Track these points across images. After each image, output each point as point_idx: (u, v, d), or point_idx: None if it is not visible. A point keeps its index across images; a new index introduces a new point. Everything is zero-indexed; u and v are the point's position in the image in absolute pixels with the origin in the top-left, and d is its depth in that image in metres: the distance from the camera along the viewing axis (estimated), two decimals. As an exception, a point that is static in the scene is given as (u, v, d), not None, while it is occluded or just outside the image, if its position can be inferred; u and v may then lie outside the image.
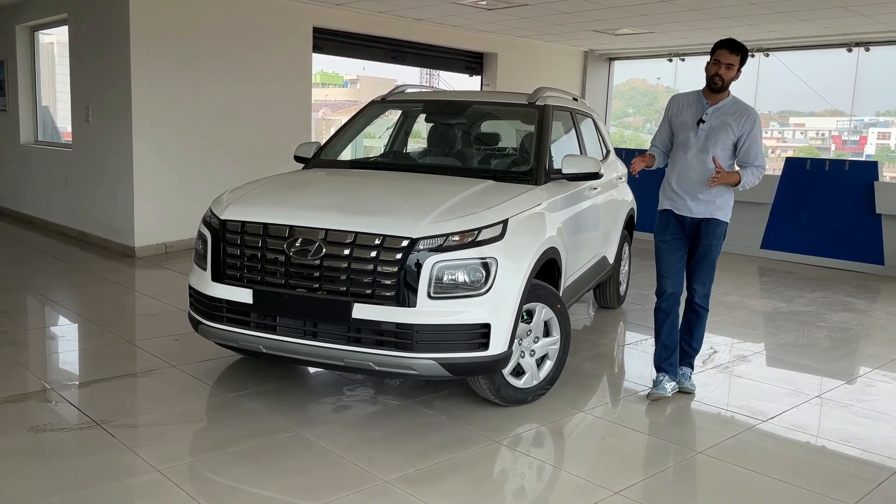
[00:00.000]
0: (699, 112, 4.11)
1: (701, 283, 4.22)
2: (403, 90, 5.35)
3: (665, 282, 4.22)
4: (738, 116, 4.05)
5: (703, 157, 4.08)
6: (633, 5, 8.36)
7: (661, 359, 4.27)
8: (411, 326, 3.38)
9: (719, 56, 4.00)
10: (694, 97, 4.19)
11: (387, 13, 9.35)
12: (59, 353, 4.68)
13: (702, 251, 4.17)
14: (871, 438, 3.76)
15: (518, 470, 3.32)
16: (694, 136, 4.10)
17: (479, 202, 3.73)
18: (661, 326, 4.26)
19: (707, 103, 4.11)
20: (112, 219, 7.97)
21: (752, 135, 4.06)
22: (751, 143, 4.07)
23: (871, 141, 15.88)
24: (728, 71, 3.99)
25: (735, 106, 4.09)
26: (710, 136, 4.06)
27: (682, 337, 4.32)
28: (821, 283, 7.81)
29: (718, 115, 4.07)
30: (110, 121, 7.85)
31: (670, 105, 4.30)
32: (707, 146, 4.07)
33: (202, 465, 3.18)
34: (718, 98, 4.08)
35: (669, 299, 4.21)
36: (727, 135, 4.06)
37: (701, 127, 4.08)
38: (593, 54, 12.56)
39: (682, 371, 4.31)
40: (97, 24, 7.92)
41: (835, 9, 8.06)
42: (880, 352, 5.37)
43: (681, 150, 4.16)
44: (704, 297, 4.25)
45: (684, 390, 4.27)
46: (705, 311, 4.29)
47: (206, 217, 3.95)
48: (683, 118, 4.17)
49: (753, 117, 4.07)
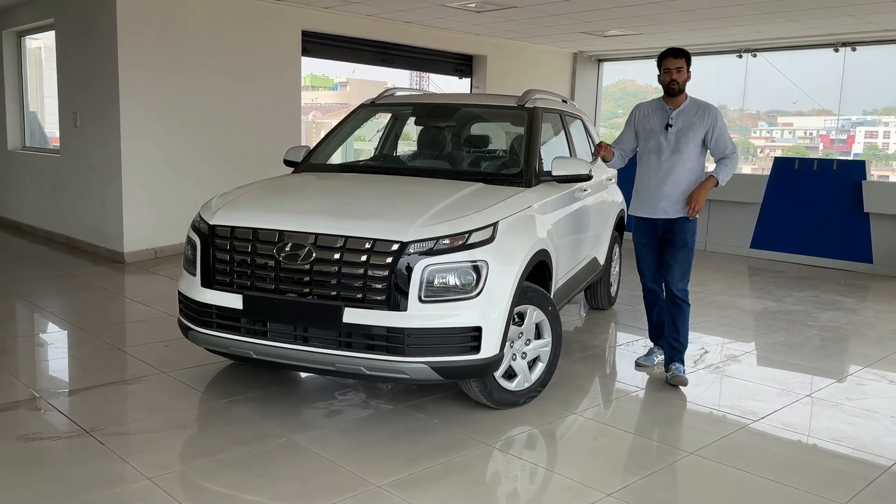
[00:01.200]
0: (665, 117, 4.43)
1: (678, 277, 4.44)
2: (393, 93, 5.34)
3: (643, 277, 4.70)
4: (701, 114, 4.38)
5: (677, 157, 4.38)
6: (622, 7, 8.39)
7: (656, 336, 4.80)
8: (402, 330, 3.37)
9: (667, 64, 4.36)
10: (657, 105, 4.51)
11: (375, 16, 9.34)
12: (48, 361, 4.64)
13: (677, 247, 4.43)
14: (862, 437, 3.77)
15: (511, 473, 3.31)
16: (665, 141, 4.41)
17: (469, 205, 3.72)
18: (651, 310, 4.77)
19: (670, 108, 4.43)
20: (101, 224, 7.92)
21: (718, 127, 4.39)
22: (718, 136, 4.39)
23: (859, 140, 15.97)
24: (680, 74, 4.34)
25: (695, 106, 4.42)
26: (681, 137, 4.37)
27: (668, 333, 4.53)
28: (810, 282, 7.85)
29: (683, 117, 4.39)
30: (98, 126, 7.81)
31: (635, 113, 4.63)
32: (679, 147, 4.38)
33: (193, 472, 3.16)
34: (679, 101, 4.42)
35: (651, 291, 4.72)
36: (695, 133, 4.37)
37: (670, 131, 4.39)
38: (582, 56, 12.59)
39: (673, 367, 4.46)
40: (84, 29, 7.87)
41: (821, 9, 8.11)
42: (870, 350, 5.40)
43: (654, 155, 4.46)
44: (683, 291, 4.47)
45: (677, 382, 4.39)
46: (686, 304, 4.49)
47: (195, 222, 3.93)
48: (651, 125, 4.48)
49: (714, 112, 4.41)
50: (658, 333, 4.76)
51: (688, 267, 4.46)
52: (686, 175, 4.38)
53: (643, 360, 4.78)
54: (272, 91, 8.68)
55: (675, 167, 4.37)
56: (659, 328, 4.73)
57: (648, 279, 4.65)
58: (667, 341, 4.53)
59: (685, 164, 4.37)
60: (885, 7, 7.91)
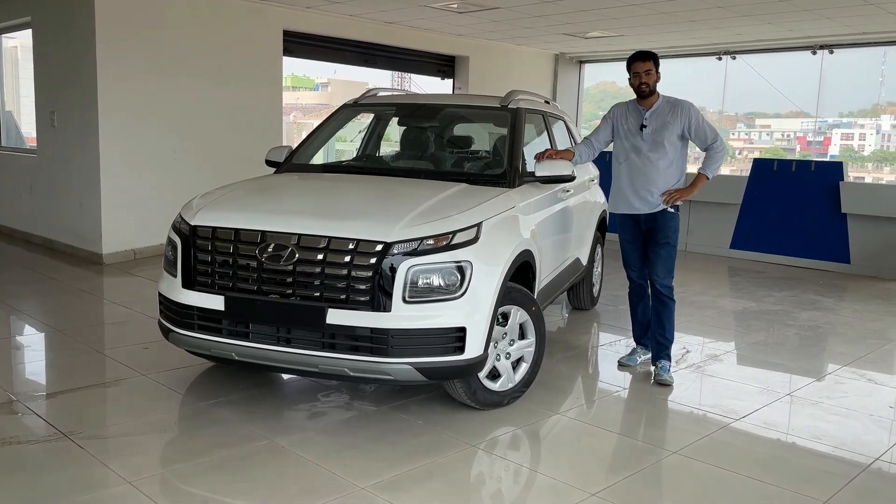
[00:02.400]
0: (639, 119, 4.50)
1: (663, 273, 4.51)
2: (376, 93, 5.32)
3: (630, 272, 4.77)
4: (674, 113, 4.43)
5: (653, 154, 4.44)
6: (603, 8, 8.43)
7: (639, 334, 4.83)
8: (386, 331, 3.35)
9: (636, 68, 4.42)
10: (632, 106, 4.57)
11: (358, 16, 9.31)
12: (25, 364, 4.57)
13: (659, 240, 4.50)
14: (842, 435, 3.81)
15: (495, 473, 3.31)
16: (641, 141, 4.47)
17: (453, 205, 3.71)
18: (636, 307, 4.81)
19: (643, 109, 4.50)
20: (79, 225, 7.82)
21: (695, 122, 4.43)
22: (696, 129, 4.44)
23: (835, 142, 16.18)
24: (649, 76, 4.39)
25: (667, 105, 4.47)
26: (656, 136, 4.44)
27: (654, 329, 4.61)
28: (789, 282, 7.93)
29: (657, 118, 4.45)
30: (76, 126, 7.71)
31: (614, 111, 4.67)
32: (655, 146, 4.44)
33: (174, 476, 3.12)
34: (651, 102, 4.48)
35: (637, 286, 4.77)
36: (670, 132, 4.42)
37: (645, 131, 4.46)
38: (564, 57, 12.63)
39: (660, 364, 4.54)
40: (62, 28, 7.77)
41: (800, 12, 8.21)
42: (849, 349, 5.46)
43: (633, 154, 4.51)
44: (668, 288, 4.54)
45: (663, 382, 4.44)
46: (671, 301, 4.57)
47: (175, 223, 3.88)
48: (628, 126, 4.55)
49: (687, 107, 4.45)
50: (642, 332, 4.80)
51: (671, 264, 4.53)
52: (666, 170, 4.44)
53: (626, 359, 4.81)
54: (253, 91, 8.61)
55: (656, 163, 4.43)
56: (644, 326, 4.78)
57: (635, 274, 4.71)
58: (653, 337, 4.60)
59: (664, 160, 4.43)
60: (861, 10, 8.01)
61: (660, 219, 4.50)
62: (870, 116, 16.09)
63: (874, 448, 3.67)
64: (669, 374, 4.49)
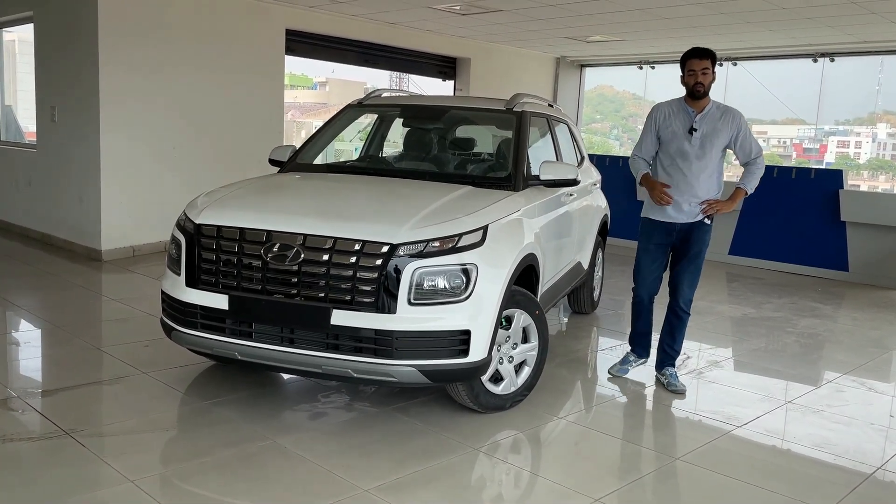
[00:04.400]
0: (688, 121, 4.23)
1: (687, 289, 4.38)
2: (380, 94, 5.31)
3: (640, 288, 4.51)
4: (726, 120, 4.22)
5: (701, 163, 4.22)
6: (605, 13, 8.44)
7: (636, 341, 4.68)
8: (391, 333, 3.34)
9: (692, 66, 4.14)
10: (678, 106, 4.28)
11: (360, 16, 9.30)
12: (23, 360, 4.54)
13: (691, 257, 4.34)
14: (844, 443, 3.82)
15: (496, 477, 3.30)
16: (689, 145, 4.21)
17: (458, 208, 3.70)
18: (639, 317, 4.61)
19: (693, 111, 4.23)
20: (78, 221, 7.79)
21: (743, 132, 4.25)
22: (744, 141, 4.25)
23: (831, 149, 16.22)
24: (705, 76, 4.14)
25: (719, 111, 4.24)
26: (706, 142, 4.20)
27: (664, 339, 4.52)
28: (788, 288, 7.94)
29: (708, 122, 4.21)
30: (77, 121, 7.68)
31: (654, 115, 4.36)
32: (703, 153, 4.21)
33: (176, 475, 3.10)
34: (702, 105, 4.22)
35: (644, 304, 4.55)
36: (720, 139, 4.22)
37: (694, 135, 4.19)
38: (565, 61, 12.64)
39: (668, 372, 4.49)
40: (64, 23, 7.74)
41: (802, 20, 8.22)
42: (848, 357, 5.47)
43: (679, 159, 4.25)
44: (688, 303, 4.41)
45: (675, 391, 4.40)
46: (687, 315, 4.46)
47: (180, 221, 3.87)
48: (674, 128, 4.25)
49: (738, 116, 4.25)
50: (639, 339, 4.67)
51: (697, 279, 4.40)
52: (709, 181, 4.26)
53: (616, 370, 4.66)
54: (255, 89, 8.60)
55: (700, 173, 4.22)
56: (642, 335, 4.65)
57: (644, 289, 4.47)
58: (661, 346, 4.53)
59: (708, 168, 4.23)
60: (864, 19, 8.03)
61: (696, 230, 4.30)
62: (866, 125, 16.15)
63: (876, 457, 3.67)
64: (679, 381, 4.45)
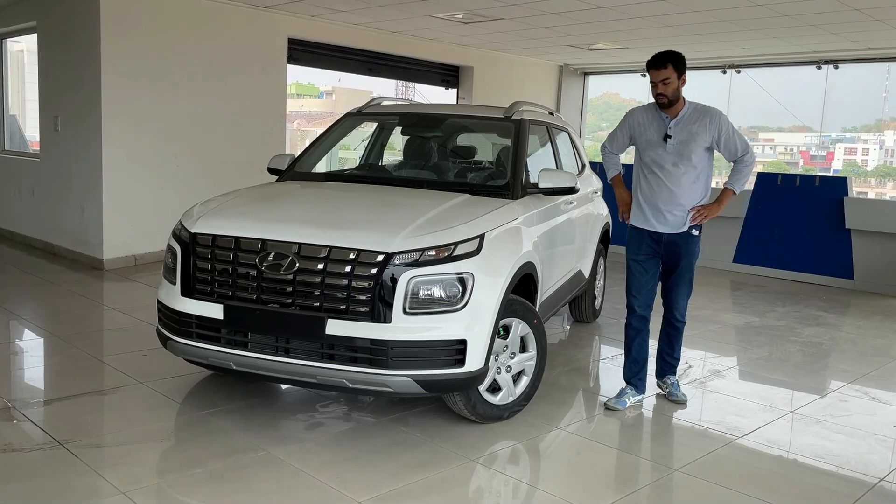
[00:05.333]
0: (662, 127, 4.05)
1: (680, 300, 4.28)
2: (379, 102, 5.31)
3: (635, 301, 4.26)
4: (703, 122, 4.01)
5: (678, 169, 4.04)
6: (608, 21, 8.43)
7: (632, 373, 4.35)
8: (386, 343, 3.32)
9: (652, 77, 3.96)
10: (653, 112, 4.11)
11: (363, 25, 9.32)
12: (22, 370, 4.54)
13: (682, 269, 4.20)
14: (846, 454, 3.77)
15: (494, 488, 3.27)
16: (665, 153, 4.04)
17: (455, 216, 3.68)
18: (632, 343, 4.33)
19: (667, 118, 4.05)
20: (80, 230, 7.80)
21: (725, 132, 4.03)
22: (727, 141, 4.04)
23: (838, 156, 16.16)
24: (667, 86, 3.93)
25: (695, 113, 4.04)
26: (682, 148, 4.02)
27: (663, 349, 4.41)
28: (792, 297, 7.88)
29: (683, 127, 4.02)
30: (80, 130, 7.70)
31: (630, 118, 4.22)
32: (681, 159, 4.02)
33: (170, 486, 3.08)
34: (676, 110, 4.03)
35: (640, 319, 4.29)
36: (698, 143, 4.01)
37: (669, 142, 4.01)
38: (568, 68, 12.63)
39: (669, 381, 4.41)
40: (67, 33, 7.78)
41: (805, 27, 8.19)
42: (852, 366, 5.41)
43: (655, 167, 4.09)
44: (683, 313, 4.33)
45: (676, 401, 4.34)
46: (683, 324, 4.38)
47: (175, 230, 3.86)
48: (648, 135, 4.10)
49: (717, 116, 4.02)
50: (636, 371, 4.31)
51: (690, 290, 4.27)
52: (691, 186, 4.06)
53: (613, 402, 4.24)
54: (257, 98, 8.61)
55: (680, 179, 4.03)
56: (639, 364, 4.30)
57: (640, 303, 4.23)
58: (660, 355, 4.43)
59: (690, 174, 4.03)
60: (868, 26, 8.00)
61: (683, 243, 4.12)
62: (873, 132, 16.09)
63: (879, 468, 3.62)
64: (681, 391, 4.39)
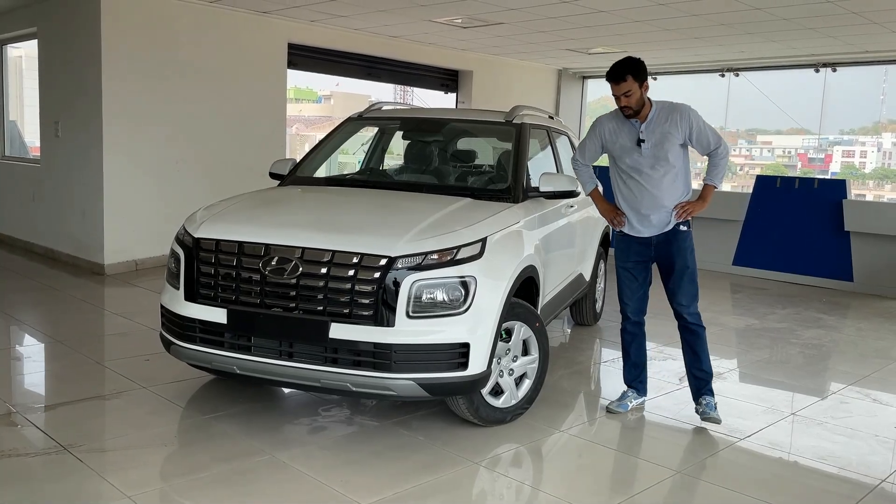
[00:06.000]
0: (634, 132, 3.97)
1: (686, 301, 4.08)
2: (380, 107, 5.33)
3: (627, 308, 4.21)
4: (673, 121, 3.91)
5: (657, 172, 3.95)
6: (606, 25, 8.45)
7: (632, 377, 4.32)
8: (389, 346, 3.33)
9: (613, 90, 3.88)
10: (621, 118, 4.00)
11: (362, 30, 9.34)
12: (24, 375, 4.54)
13: (678, 268, 4.06)
14: (848, 456, 3.78)
15: (497, 491, 3.28)
16: (641, 157, 3.96)
17: (457, 220, 3.70)
18: (629, 347, 4.28)
19: (637, 122, 3.96)
20: (81, 235, 7.81)
21: (696, 127, 3.93)
22: (699, 135, 3.94)
23: (836, 159, 16.20)
24: (629, 98, 3.85)
25: (663, 112, 3.94)
26: (657, 150, 3.93)
27: (690, 364, 4.16)
28: (792, 299, 7.90)
29: (654, 128, 3.93)
30: (80, 136, 7.72)
31: (598, 127, 4.12)
32: (658, 161, 3.94)
33: (174, 490, 3.09)
34: (644, 114, 3.93)
35: (634, 324, 4.24)
36: (671, 143, 3.92)
37: (644, 146, 3.93)
38: (567, 72, 12.67)
39: (704, 401, 4.08)
40: (68, 39, 7.80)
41: (803, 30, 8.22)
42: (852, 368, 5.43)
43: (633, 173, 4.00)
44: (695, 315, 4.11)
45: (711, 420, 4.02)
46: (702, 328, 4.14)
47: (179, 235, 3.87)
48: (622, 142, 4.01)
49: (686, 112, 3.92)
50: (635, 374, 4.30)
51: (695, 289, 4.08)
52: (673, 184, 3.98)
53: (615, 406, 4.24)
54: (257, 103, 8.63)
55: (661, 181, 3.96)
56: (638, 367, 4.29)
57: (632, 309, 4.18)
58: (689, 372, 4.18)
59: (670, 174, 3.96)
60: (865, 29, 8.03)
61: (673, 240, 4.02)
62: (871, 134, 16.14)
63: (880, 469, 3.63)
64: (716, 411, 4.05)
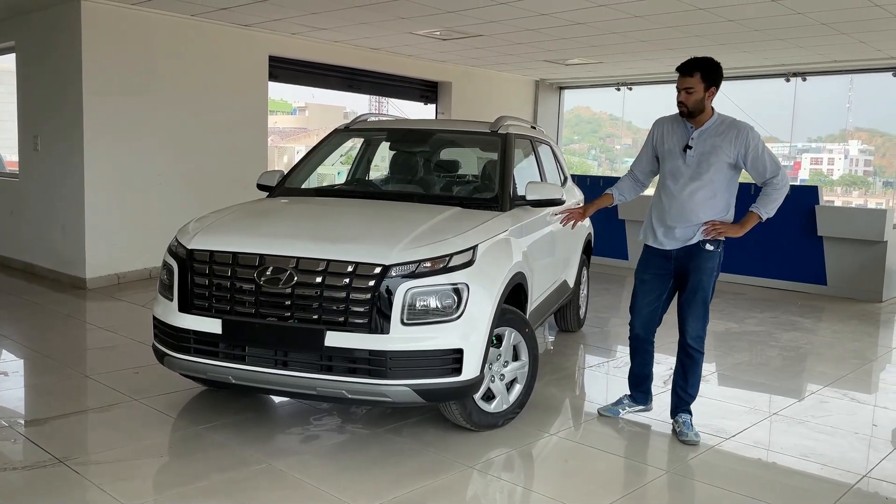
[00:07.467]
0: (685, 137, 3.81)
1: (692, 322, 3.90)
2: (366, 118, 5.39)
3: (635, 322, 4.10)
4: (729, 136, 3.73)
5: (695, 185, 3.78)
6: (583, 37, 8.61)
7: (632, 384, 4.31)
8: (384, 353, 3.38)
9: (678, 83, 3.76)
10: (679, 121, 3.87)
11: (342, 42, 9.41)
12: (12, 389, 4.52)
13: (691, 286, 3.87)
14: (829, 453, 3.89)
15: (491, 494, 3.34)
16: (683, 165, 3.79)
17: (448, 229, 3.77)
18: (633, 357, 4.22)
19: (691, 127, 3.80)
20: (62, 250, 7.75)
21: (753, 150, 3.71)
22: (755, 159, 3.72)
23: (805, 166, 16.57)
24: (689, 95, 3.71)
25: (722, 126, 3.77)
26: (702, 161, 3.75)
27: (677, 382, 4.06)
28: (769, 303, 8.07)
29: (706, 139, 3.76)
30: (60, 149, 7.67)
31: (654, 130, 3.99)
32: (699, 173, 3.77)
33: (172, 500, 3.11)
34: (702, 120, 3.77)
35: (636, 338, 4.13)
36: (719, 158, 3.73)
37: (689, 153, 3.76)
38: (544, 83, 12.83)
39: (681, 419, 4.00)
40: (47, 52, 7.76)
41: (774, 41, 8.45)
42: (829, 369, 5.57)
43: (670, 180, 3.85)
44: (697, 339, 3.92)
45: (686, 441, 3.89)
46: (700, 354, 3.96)
47: (171, 247, 3.89)
48: (669, 145, 3.87)
49: (745, 132, 3.73)
50: (635, 382, 4.25)
51: (704, 312, 3.90)
52: (706, 204, 3.78)
53: (607, 410, 4.25)
54: (239, 116, 8.65)
55: (693, 195, 3.77)
56: (638, 378, 4.23)
57: (639, 325, 4.04)
58: (674, 388, 4.08)
59: (704, 190, 3.76)
60: (832, 40, 8.27)
61: (694, 257, 3.82)
62: (838, 141, 16.53)
63: (861, 465, 3.75)
64: (693, 430, 3.93)
